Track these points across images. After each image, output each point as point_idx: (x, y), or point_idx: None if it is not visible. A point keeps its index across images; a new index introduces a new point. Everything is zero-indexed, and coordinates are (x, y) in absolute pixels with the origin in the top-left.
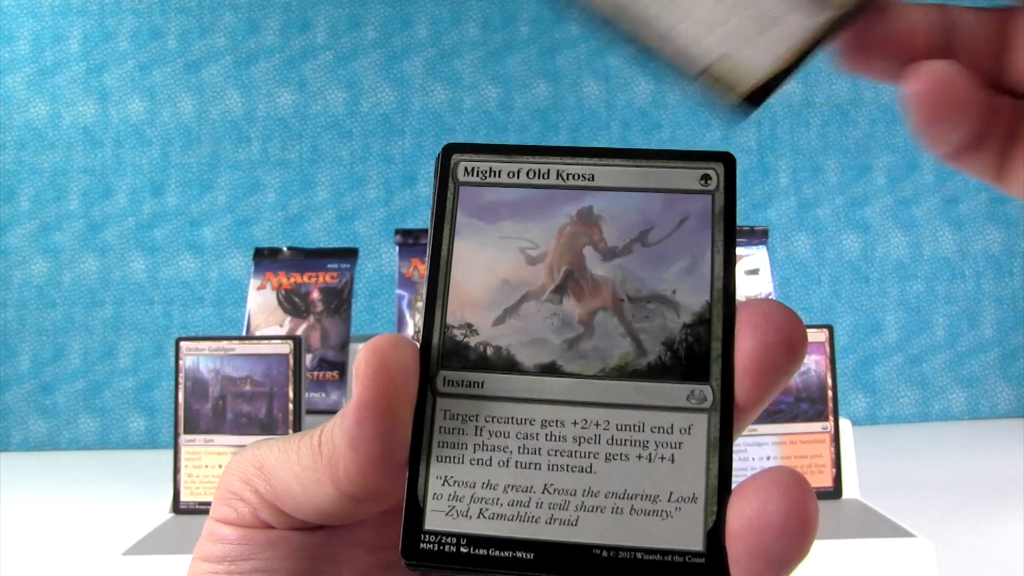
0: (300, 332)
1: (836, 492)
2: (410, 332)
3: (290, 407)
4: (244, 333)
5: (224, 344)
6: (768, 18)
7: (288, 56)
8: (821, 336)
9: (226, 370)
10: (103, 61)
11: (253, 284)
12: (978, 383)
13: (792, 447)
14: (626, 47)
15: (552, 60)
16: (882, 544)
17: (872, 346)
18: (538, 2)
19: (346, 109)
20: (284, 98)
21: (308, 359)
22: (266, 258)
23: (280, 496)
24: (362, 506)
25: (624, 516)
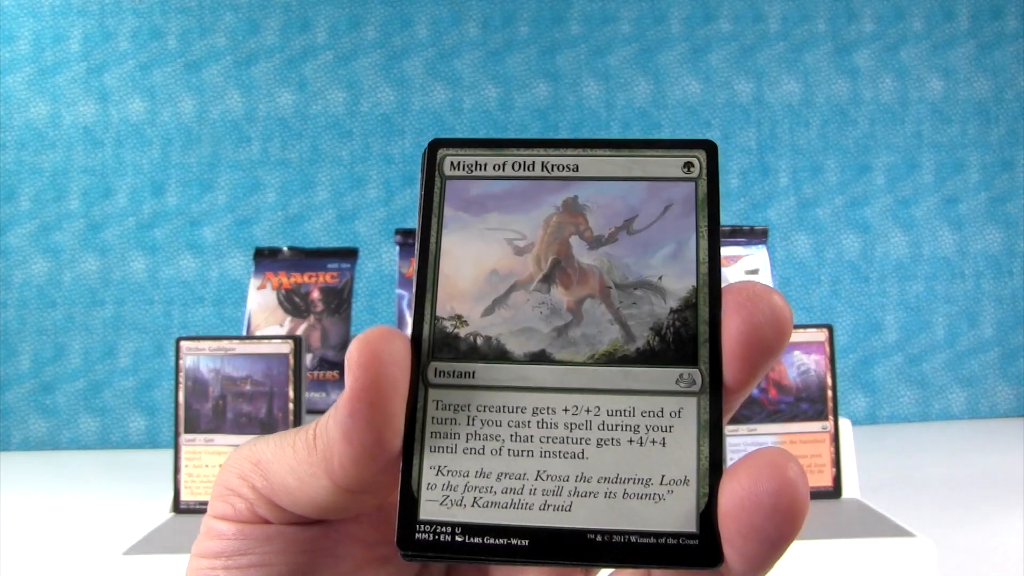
0: (300, 332)
1: (836, 492)
2: (409, 331)
3: (290, 407)
4: (244, 333)
5: (224, 344)
6: None
7: (288, 56)
8: (821, 336)
9: (226, 370)
10: (103, 61)
11: (253, 284)
12: (978, 383)
13: (792, 447)
14: None
15: (552, 60)
16: (882, 544)
17: (872, 346)
18: (538, 2)
19: (346, 109)
20: (284, 98)
21: (308, 359)
22: (266, 258)
23: (276, 491)
24: (357, 499)
25: (617, 500)
